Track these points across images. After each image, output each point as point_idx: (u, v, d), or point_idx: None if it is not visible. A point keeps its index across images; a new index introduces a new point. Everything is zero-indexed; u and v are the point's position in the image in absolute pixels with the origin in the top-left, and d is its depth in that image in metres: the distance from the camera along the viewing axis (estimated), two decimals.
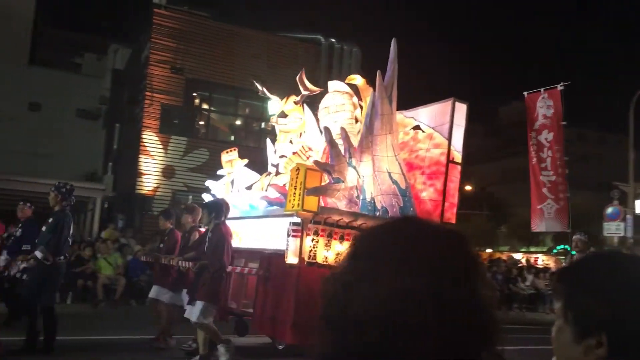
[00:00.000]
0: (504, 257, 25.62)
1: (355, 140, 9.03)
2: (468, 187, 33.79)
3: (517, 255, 26.58)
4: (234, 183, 9.77)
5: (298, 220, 8.16)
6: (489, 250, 28.63)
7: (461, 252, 1.11)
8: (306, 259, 8.06)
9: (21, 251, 9.96)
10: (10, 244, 11.08)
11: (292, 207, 8.24)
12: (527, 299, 21.09)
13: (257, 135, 25.64)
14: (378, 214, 8.82)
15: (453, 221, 9.12)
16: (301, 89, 9.96)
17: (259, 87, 10.21)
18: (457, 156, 9.23)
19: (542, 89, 10.36)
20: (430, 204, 9.24)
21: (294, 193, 8.26)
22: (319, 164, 8.41)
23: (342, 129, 8.83)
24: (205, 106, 24.74)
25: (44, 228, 8.81)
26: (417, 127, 9.61)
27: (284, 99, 9.94)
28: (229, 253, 7.84)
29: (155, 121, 22.96)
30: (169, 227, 9.58)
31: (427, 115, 9.62)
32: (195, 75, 23.13)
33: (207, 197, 9.93)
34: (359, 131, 9.11)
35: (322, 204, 8.48)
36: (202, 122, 24.93)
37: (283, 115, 9.84)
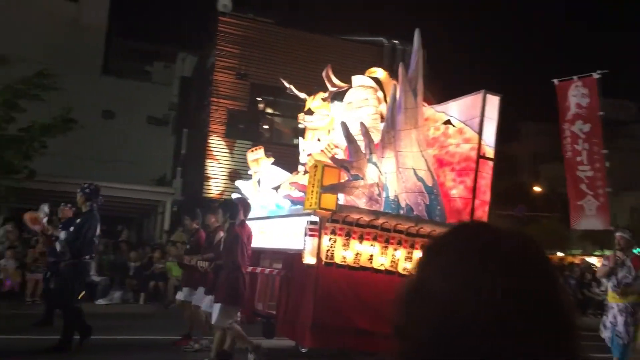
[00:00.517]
0: (577, 260, 24.59)
1: (378, 136, 8.72)
2: (537, 188, 32.63)
3: (591, 259, 25.44)
4: (260, 182, 9.61)
5: (315, 219, 7.94)
6: (560, 254, 27.56)
7: (542, 255, 1.12)
8: (323, 259, 7.82)
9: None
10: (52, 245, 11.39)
11: (310, 205, 8.02)
12: (602, 305, 20.06)
13: None
14: (402, 212, 8.49)
15: (485, 220, 8.67)
16: (328, 85, 9.74)
17: (287, 85, 10.04)
18: (489, 151, 8.80)
19: (575, 77, 9.70)
20: (460, 202, 8.83)
21: (312, 191, 8.04)
22: (336, 160, 8.15)
23: (362, 124, 8.54)
24: (269, 110, 24.93)
25: (71, 228, 8.93)
26: (447, 122, 9.22)
27: (312, 96, 9.72)
28: (244, 253, 7.65)
29: (221, 126, 23.57)
30: (194, 227, 9.55)
31: (457, 109, 9.23)
32: (260, 80, 23.34)
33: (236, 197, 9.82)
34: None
35: (342, 202, 8.23)
36: (266, 126, 25.12)
37: (310, 112, 9.63)
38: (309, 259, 7.96)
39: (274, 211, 9.38)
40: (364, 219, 8.02)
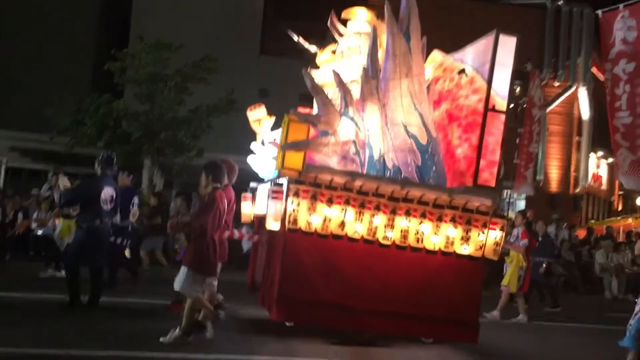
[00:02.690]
0: None
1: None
2: None
3: None
4: (264, 143, 8.96)
5: (282, 180, 7.24)
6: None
7: None
8: (287, 224, 7.09)
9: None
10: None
11: (277, 165, 7.34)
12: None
13: None
14: (389, 173, 7.50)
15: (492, 184, 7.41)
16: (335, 35, 8.86)
17: (295, 37, 9.28)
18: (501, 103, 7.48)
19: (621, 5, 8.01)
20: (465, 162, 7.63)
21: (279, 150, 7.35)
22: (300, 114, 7.31)
23: (334, 72, 7.62)
24: None
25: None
26: (462, 71, 8.01)
27: (322, 49, 8.90)
28: (216, 219, 7.06)
29: None
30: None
31: (472, 55, 7.98)
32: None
33: (251, 160, 9.29)
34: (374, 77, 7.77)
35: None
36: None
37: (317, 67, 8.84)
38: (272, 224, 7.30)
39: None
40: (337, 181, 7.16)
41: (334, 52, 8.82)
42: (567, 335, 10.56)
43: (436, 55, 8.72)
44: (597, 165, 26.52)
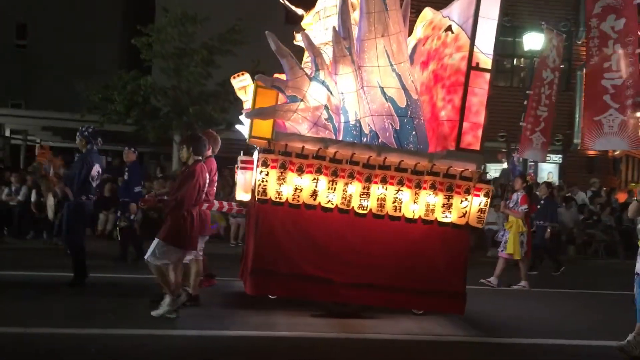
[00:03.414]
0: None
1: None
2: None
3: None
4: None
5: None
6: None
7: None
8: (256, 195, 6.79)
9: (134, 194, 10.47)
10: (121, 187, 11.57)
11: (247, 134, 7.03)
12: None
13: (507, 74, 23.51)
14: (365, 139, 7.10)
15: (476, 147, 6.96)
16: None
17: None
18: (485, 61, 7.00)
19: None
20: (448, 125, 7.18)
21: (246, 117, 7.03)
22: (266, 79, 6.93)
23: (304, 34, 7.21)
24: None
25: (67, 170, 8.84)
26: (448, 29, 7.52)
27: (308, 12, 8.49)
28: (194, 192, 6.80)
29: None
30: None
31: (457, 10, 7.50)
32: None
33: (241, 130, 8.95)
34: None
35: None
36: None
37: (301, 30, 8.41)
38: (241, 195, 7.02)
39: None
40: (309, 149, 6.80)
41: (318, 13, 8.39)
42: (566, 301, 9.99)
43: (427, 12, 8.26)
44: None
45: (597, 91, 7.25)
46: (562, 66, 22.46)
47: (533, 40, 17.62)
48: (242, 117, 8.49)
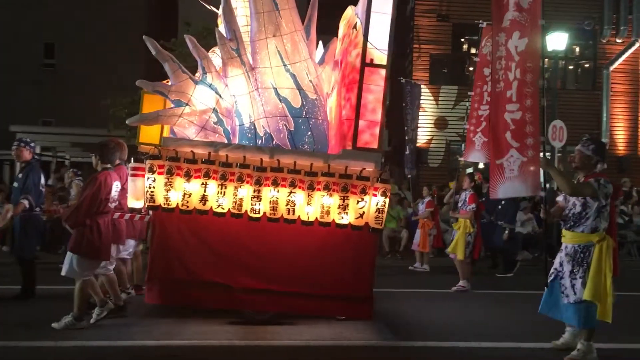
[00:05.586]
0: None
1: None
2: None
3: None
4: None
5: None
6: None
7: None
8: (145, 202, 6.72)
9: None
10: None
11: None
12: None
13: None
14: (260, 142, 6.95)
15: (374, 145, 6.71)
16: None
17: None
18: (379, 57, 6.74)
19: None
20: (347, 124, 6.98)
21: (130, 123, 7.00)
22: (146, 84, 6.84)
23: (189, 38, 7.11)
24: (473, 51, 23.03)
25: (15, 184, 8.89)
26: (355, 25, 7.32)
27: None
28: (94, 201, 6.79)
29: (425, 73, 22.60)
30: None
31: (360, 5, 7.28)
32: (462, 19, 21.72)
33: None
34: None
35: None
36: (472, 68, 23.28)
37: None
38: (133, 203, 6.92)
39: None
40: (199, 153, 6.69)
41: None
42: (516, 303, 9.52)
43: (348, 11, 8.05)
44: None
45: (499, 127, 6.52)
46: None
47: (557, 40, 17.27)
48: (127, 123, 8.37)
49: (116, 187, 7.11)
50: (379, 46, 6.71)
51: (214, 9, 8.78)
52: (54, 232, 13.84)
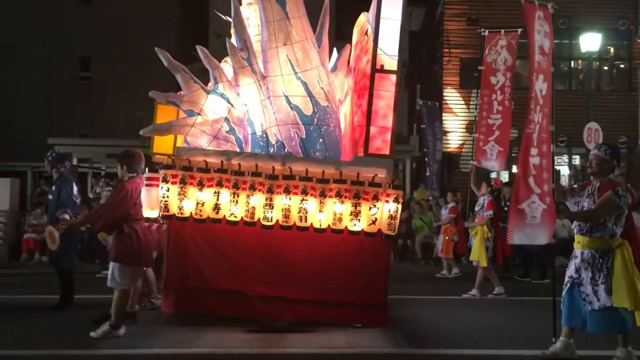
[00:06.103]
0: None
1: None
2: None
3: None
4: None
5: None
6: None
7: None
8: (160, 211, 6.79)
9: None
10: None
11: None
12: None
13: (565, 77, 22.65)
14: (272, 150, 6.98)
15: (385, 152, 6.69)
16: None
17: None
18: (390, 63, 6.74)
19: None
20: (359, 130, 6.96)
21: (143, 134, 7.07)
22: (159, 95, 6.92)
23: (200, 48, 7.17)
24: None
25: (50, 196, 8.99)
26: (367, 32, 7.33)
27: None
28: (124, 208, 6.84)
29: (455, 77, 22.53)
30: None
31: (371, 12, 7.27)
32: (492, 23, 21.53)
33: None
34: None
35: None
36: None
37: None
38: (148, 213, 6.99)
39: None
40: (212, 162, 6.74)
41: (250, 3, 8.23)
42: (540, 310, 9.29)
43: (361, 17, 8.07)
44: None
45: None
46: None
47: (590, 42, 17.06)
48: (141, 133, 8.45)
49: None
50: (389, 52, 6.70)
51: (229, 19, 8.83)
52: (91, 243, 14.10)
